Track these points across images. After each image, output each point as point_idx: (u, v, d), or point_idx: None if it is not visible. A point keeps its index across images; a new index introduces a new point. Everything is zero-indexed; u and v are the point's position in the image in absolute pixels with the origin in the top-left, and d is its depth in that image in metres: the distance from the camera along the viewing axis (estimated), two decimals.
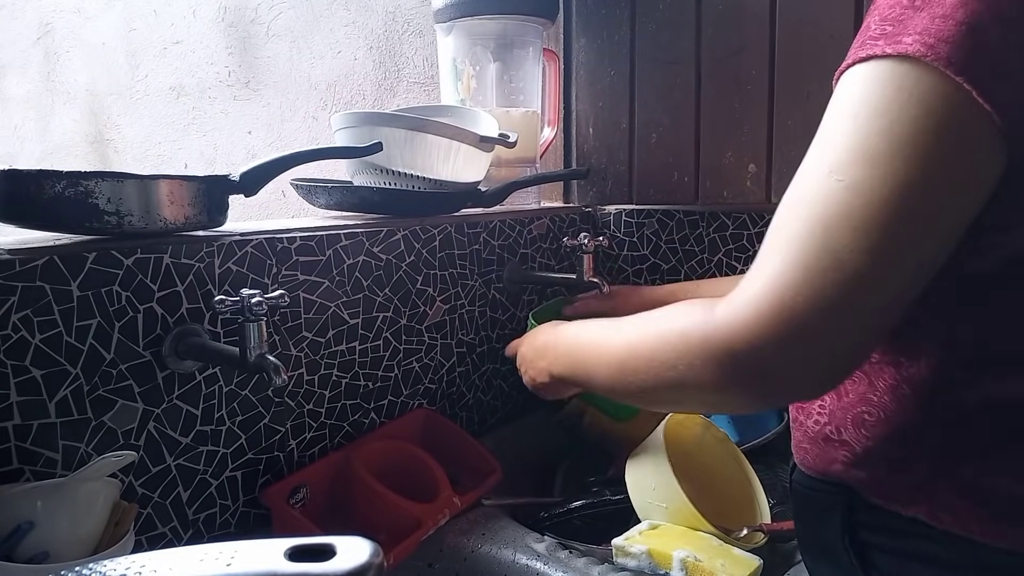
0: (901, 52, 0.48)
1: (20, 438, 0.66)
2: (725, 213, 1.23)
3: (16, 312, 0.65)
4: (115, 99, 2.14)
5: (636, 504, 0.87)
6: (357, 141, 1.01)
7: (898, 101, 0.48)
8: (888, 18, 0.51)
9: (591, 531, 0.94)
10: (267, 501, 0.83)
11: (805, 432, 0.66)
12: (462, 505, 0.91)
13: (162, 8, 1.99)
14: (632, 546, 0.80)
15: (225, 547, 0.39)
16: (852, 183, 0.48)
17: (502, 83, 1.28)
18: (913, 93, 0.48)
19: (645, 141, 1.31)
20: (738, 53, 1.19)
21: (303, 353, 0.89)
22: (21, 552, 0.60)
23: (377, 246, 0.97)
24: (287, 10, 1.75)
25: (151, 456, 0.76)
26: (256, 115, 1.86)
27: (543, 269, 1.27)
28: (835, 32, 1.09)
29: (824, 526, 0.63)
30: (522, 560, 0.86)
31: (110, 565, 0.38)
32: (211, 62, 1.91)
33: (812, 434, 0.65)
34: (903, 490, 0.58)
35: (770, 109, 1.17)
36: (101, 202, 0.70)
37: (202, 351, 0.76)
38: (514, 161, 1.27)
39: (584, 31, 1.37)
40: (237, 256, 0.81)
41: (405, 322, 1.03)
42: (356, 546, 0.38)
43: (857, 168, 0.49)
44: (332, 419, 0.94)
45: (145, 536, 0.75)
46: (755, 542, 0.86)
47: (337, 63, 1.69)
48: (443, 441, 1.02)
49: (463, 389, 1.14)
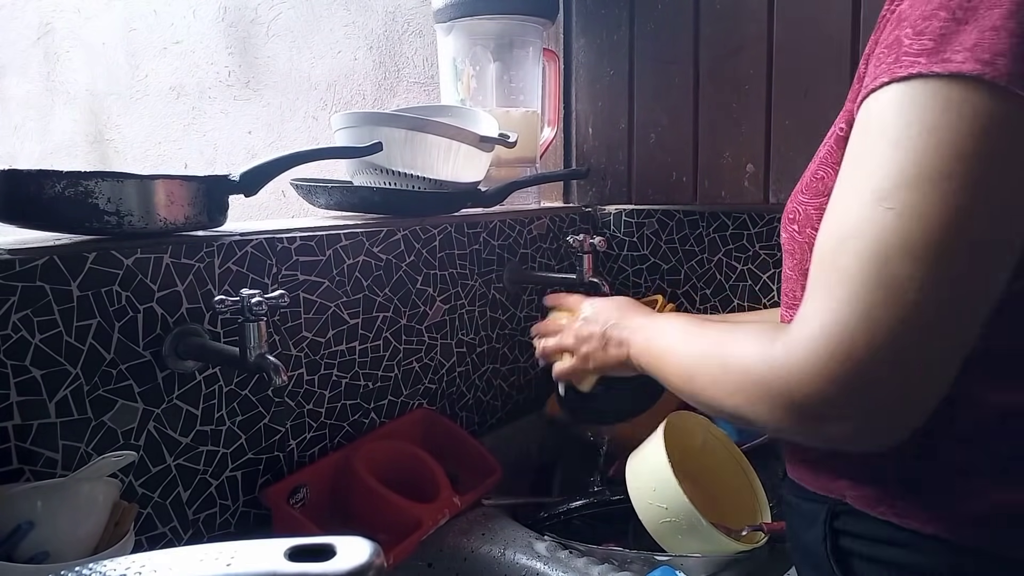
0: (953, 71, 0.44)
1: (20, 438, 0.66)
2: (725, 213, 1.23)
3: (16, 312, 0.65)
4: (115, 99, 2.14)
5: (636, 504, 0.87)
6: (357, 141, 1.01)
7: (948, 119, 0.45)
8: (926, 32, 0.46)
9: (591, 531, 0.94)
10: (267, 501, 0.84)
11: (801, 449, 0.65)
12: (462, 505, 0.91)
13: (162, 8, 1.99)
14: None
15: (225, 547, 0.39)
16: (904, 209, 0.45)
17: (502, 83, 1.28)
18: (966, 111, 0.44)
19: (644, 141, 1.31)
20: (736, 53, 1.19)
21: (303, 353, 0.89)
22: (21, 552, 0.60)
23: (377, 246, 0.97)
24: (287, 10, 1.75)
25: (151, 456, 0.76)
26: (256, 115, 1.86)
27: (543, 269, 1.27)
28: (833, 32, 1.09)
29: (807, 533, 0.63)
30: (522, 560, 0.86)
31: (110, 565, 0.38)
32: (211, 62, 1.91)
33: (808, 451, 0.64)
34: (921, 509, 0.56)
35: (768, 109, 1.17)
36: (101, 202, 0.70)
37: (202, 351, 0.76)
38: (514, 161, 1.27)
39: (584, 31, 1.37)
40: (237, 256, 0.81)
41: (405, 322, 1.03)
42: (356, 546, 0.38)
43: (908, 193, 0.45)
44: (332, 419, 0.94)
45: (145, 536, 0.75)
46: (755, 542, 0.86)
47: (337, 63, 1.69)
48: (443, 441, 1.02)
49: (463, 389, 1.14)
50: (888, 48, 0.48)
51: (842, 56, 1.08)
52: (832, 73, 1.09)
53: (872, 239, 0.46)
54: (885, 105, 0.48)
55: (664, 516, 0.85)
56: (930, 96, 0.45)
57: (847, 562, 0.60)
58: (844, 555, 0.60)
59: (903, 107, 0.46)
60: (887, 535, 0.57)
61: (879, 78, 0.48)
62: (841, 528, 0.60)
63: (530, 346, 1.26)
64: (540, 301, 1.27)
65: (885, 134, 0.47)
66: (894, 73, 0.47)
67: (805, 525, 0.64)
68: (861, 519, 0.59)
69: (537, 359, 0.91)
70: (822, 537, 0.61)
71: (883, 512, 0.57)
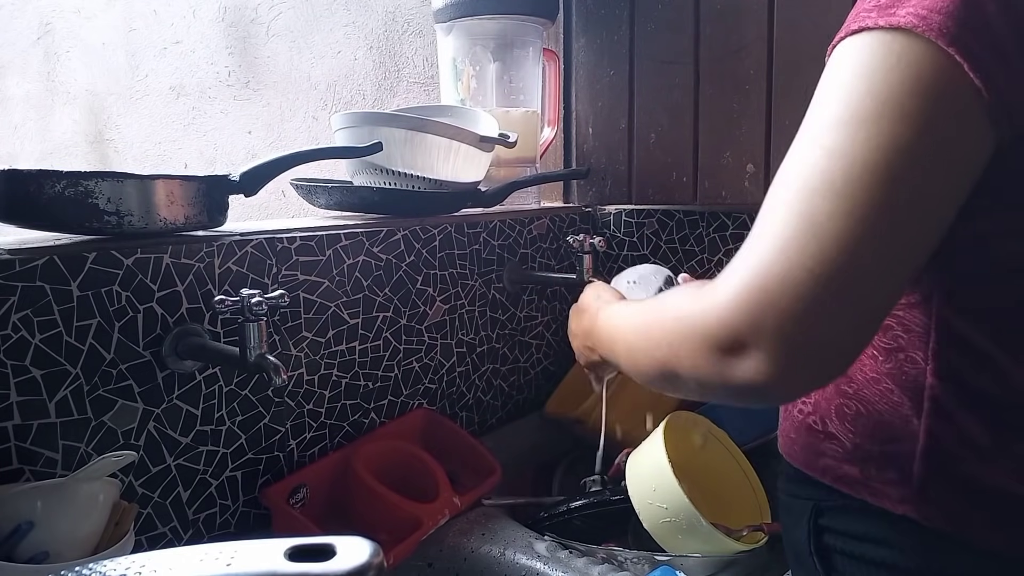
0: (894, 24, 0.47)
1: (20, 438, 0.66)
2: (725, 213, 1.23)
3: (16, 312, 0.65)
4: (115, 99, 2.14)
5: (636, 504, 0.87)
6: (357, 141, 1.01)
7: (885, 66, 0.47)
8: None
9: (591, 531, 0.94)
10: (267, 501, 0.84)
11: (792, 420, 0.65)
12: (462, 505, 0.91)
13: (162, 8, 1.99)
14: None
15: (225, 547, 0.39)
16: (833, 147, 0.46)
17: (502, 83, 1.28)
18: (902, 60, 0.46)
19: (644, 141, 1.31)
20: (737, 53, 1.19)
21: (303, 353, 0.89)
22: (21, 552, 0.60)
23: (377, 246, 0.97)
24: (287, 10, 1.75)
25: (151, 456, 0.76)
26: (256, 115, 1.86)
27: (543, 269, 1.27)
28: (833, 32, 1.09)
29: (794, 530, 0.64)
30: (522, 560, 0.86)
31: (110, 565, 0.38)
32: (211, 62, 1.91)
33: (797, 423, 0.64)
34: (893, 488, 0.56)
35: (768, 109, 1.17)
36: (101, 202, 0.70)
37: (202, 351, 0.76)
38: (514, 161, 1.27)
39: (584, 31, 1.37)
40: (237, 256, 0.81)
41: (405, 322, 1.03)
42: (356, 546, 0.38)
43: (838, 132, 0.47)
44: (332, 419, 0.94)
45: (145, 536, 0.75)
46: (755, 542, 0.86)
47: (337, 63, 1.69)
48: (443, 441, 1.02)
49: (463, 389, 1.14)
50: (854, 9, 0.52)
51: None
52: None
53: (799, 176, 0.47)
54: (837, 56, 0.51)
55: (664, 516, 0.85)
56: (873, 46, 0.48)
57: (829, 559, 0.61)
58: (826, 552, 0.61)
59: (849, 57, 0.49)
60: (865, 531, 0.58)
61: (839, 34, 0.51)
62: (825, 525, 0.61)
63: (530, 346, 1.27)
64: (540, 301, 1.27)
65: (831, 81, 0.50)
66: (849, 28, 0.50)
67: (792, 523, 0.65)
68: (842, 515, 0.60)
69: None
70: (806, 535, 0.62)
71: (861, 492, 0.58)
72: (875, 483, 0.58)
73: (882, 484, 0.57)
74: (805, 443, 0.63)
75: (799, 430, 0.64)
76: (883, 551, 0.57)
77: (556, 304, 1.31)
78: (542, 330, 1.29)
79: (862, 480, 0.58)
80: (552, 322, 1.31)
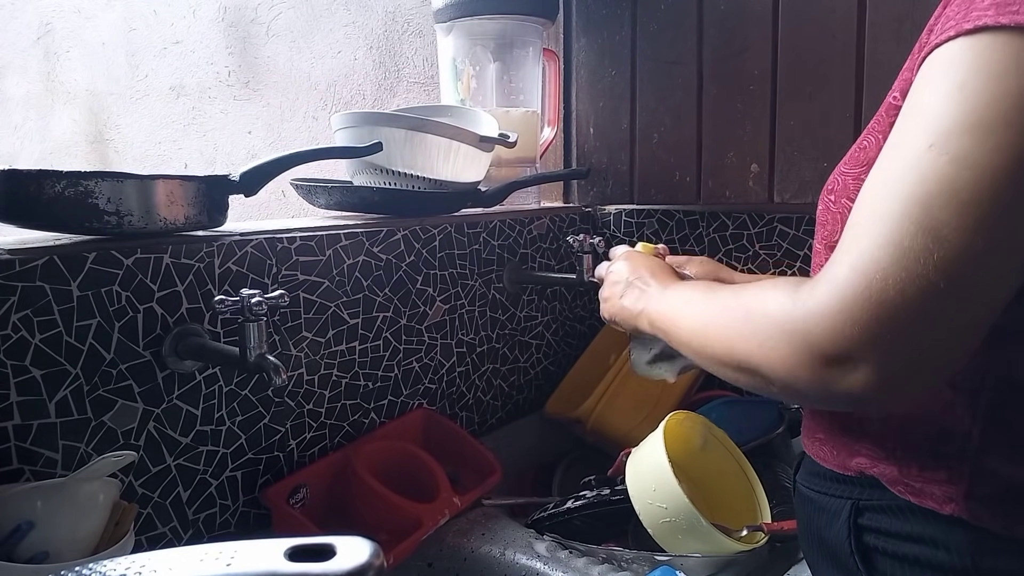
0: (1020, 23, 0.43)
1: (20, 438, 0.66)
2: (725, 213, 1.23)
3: (16, 312, 0.65)
4: (115, 99, 2.14)
5: (636, 504, 0.87)
6: (357, 141, 1.01)
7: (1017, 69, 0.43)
8: None
9: (591, 531, 0.94)
10: (267, 501, 0.83)
11: (820, 421, 0.64)
12: (462, 505, 0.91)
13: (162, 8, 1.99)
14: None
15: (225, 547, 0.38)
16: (959, 155, 0.43)
17: (502, 83, 1.28)
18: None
19: (647, 141, 1.31)
20: (741, 53, 1.19)
21: (303, 353, 0.89)
22: (21, 552, 0.60)
23: (377, 246, 0.97)
24: (287, 10, 1.75)
25: (151, 456, 0.76)
26: (256, 115, 1.86)
27: (543, 269, 1.27)
28: (838, 32, 1.09)
29: (828, 529, 0.63)
30: (522, 560, 0.86)
31: (110, 565, 0.38)
32: (211, 62, 1.91)
33: (827, 424, 0.63)
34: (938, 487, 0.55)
35: (772, 109, 1.17)
36: (101, 202, 0.70)
37: (202, 351, 0.76)
38: (514, 161, 1.27)
39: (584, 31, 1.37)
40: (237, 256, 0.81)
41: (405, 322, 1.03)
42: (356, 546, 0.38)
43: (965, 139, 0.44)
44: (332, 419, 0.94)
45: (145, 536, 0.75)
46: (755, 542, 0.86)
47: (337, 63, 1.69)
48: (443, 441, 1.02)
49: (463, 389, 1.14)
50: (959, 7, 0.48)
51: (847, 57, 1.08)
52: (837, 74, 1.09)
53: (918, 183, 0.45)
54: (950, 57, 0.47)
55: (664, 516, 0.84)
56: (997, 47, 0.44)
57: (871, 559, 0.60)
58: (868, 551, 0.60)
59: (968, 57, 0.45)
60: (909, 531, 0.57)
61: (945, 33, 0.47)
62: (865, 524, 0.60)
63: (530, 346, 1.27)
64: (540, 301, 1.27)
65: (947, 84, 0.46)
66: (961, 27, 0.46)
67: (826, 520, 0.63)
68: (884, 515, 0.59)
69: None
70: (846, 534, 0.60)
71: (900, 491, 0.57)
72: (916, 482, 0.57)
73: (924, 483, 0.56)
74: (838, 443, 0.62)
75: (829, 430, 0.63)
76: (929, 551, 0.56)
77: (556, 304, 1.31)
78: (542, 330, 1.29)
79: (901, 479, 0.58)
80: (552, 322, 1.31)
